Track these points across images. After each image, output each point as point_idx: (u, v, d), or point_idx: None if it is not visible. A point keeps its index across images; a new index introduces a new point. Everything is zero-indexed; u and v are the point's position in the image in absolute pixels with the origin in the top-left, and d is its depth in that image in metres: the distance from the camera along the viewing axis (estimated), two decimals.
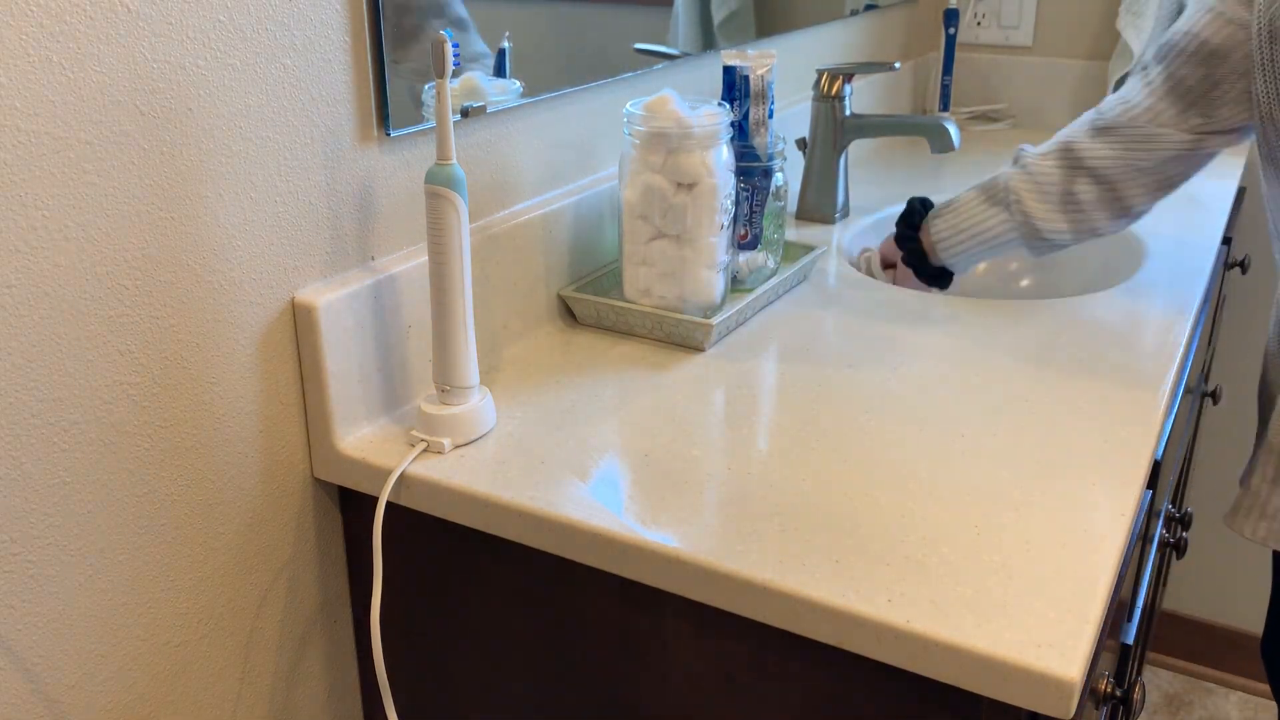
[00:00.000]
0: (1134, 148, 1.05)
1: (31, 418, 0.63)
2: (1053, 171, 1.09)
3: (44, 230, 0.61)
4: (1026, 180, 1.10)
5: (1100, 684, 0.80)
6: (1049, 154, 1.10)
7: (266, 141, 0.73)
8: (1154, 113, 1.03)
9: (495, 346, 0.95)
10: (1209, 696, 2.01)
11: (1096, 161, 1.06)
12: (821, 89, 1.33)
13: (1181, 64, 1.01)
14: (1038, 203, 1.09)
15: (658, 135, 0.93)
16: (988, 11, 1.90)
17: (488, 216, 0.94)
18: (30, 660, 0.66)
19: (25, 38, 0.58)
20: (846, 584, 0.65)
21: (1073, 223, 1.09)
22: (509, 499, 0.74)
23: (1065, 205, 1.09)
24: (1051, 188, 1.09)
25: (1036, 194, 1.10)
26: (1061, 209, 1.09)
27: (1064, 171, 1.08)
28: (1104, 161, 1.06)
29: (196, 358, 0.72)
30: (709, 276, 0.97)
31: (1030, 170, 1.11)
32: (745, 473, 0.77)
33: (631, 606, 0.74)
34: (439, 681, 0.87)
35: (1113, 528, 0.71)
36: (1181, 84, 1.02)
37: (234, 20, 0.69)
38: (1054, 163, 1.09)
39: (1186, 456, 1.66)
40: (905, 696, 0.66)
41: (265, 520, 0.80)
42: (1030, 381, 0.90)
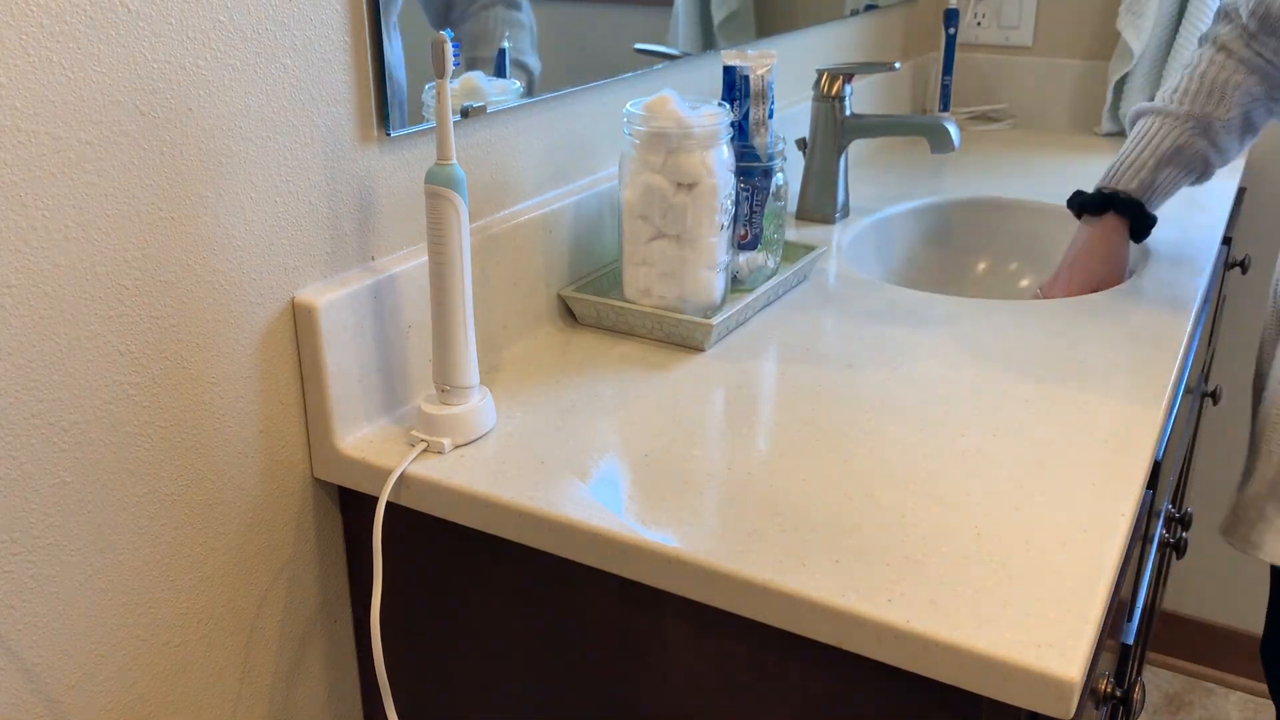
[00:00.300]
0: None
1: (31, 418, 0.63)
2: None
3: (44, 230, 0.61)
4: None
5: (1100, 684, 0.80)
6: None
7: (266, 141, 0.73)
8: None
9: (495, 346, 0.95)
10: (1209, 696, 2.01)
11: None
12: (821, 89, 1.33)
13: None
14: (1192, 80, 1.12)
15: (658, 135, 0.93)
16: (988, 11, 1.91)
17: (488, 216, 0.94)
18: (30, 660, 0.66)
19: (25, 38, 0.58)
20: (846, 584, 0.65)
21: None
22: (509, 499, 0.74)
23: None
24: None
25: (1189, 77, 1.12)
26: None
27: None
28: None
29: (196, 358, 0.72)
30: (709, 276, 0.97)
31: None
32: (745, 473, 0.77)
33: (631, 606, 0.74)
34: (439, 681, 0.87)
35: (1113, 528, 0.71)
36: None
37: (234, 20, 0.69)
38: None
39: (1186, 456, 1.66)
40: (905, 696, 0.66)
41: (265, 520, 0.80)
42: (1030, 381, 0.91)
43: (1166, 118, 1.12)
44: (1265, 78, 1.10)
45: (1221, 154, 1.13)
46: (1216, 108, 1.10)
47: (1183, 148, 1.12)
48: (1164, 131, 1.12)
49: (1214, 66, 1.11)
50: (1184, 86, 1.12)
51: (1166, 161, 1.12)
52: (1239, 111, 1.10)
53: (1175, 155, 1.12)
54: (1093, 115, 1.87)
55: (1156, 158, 1.13)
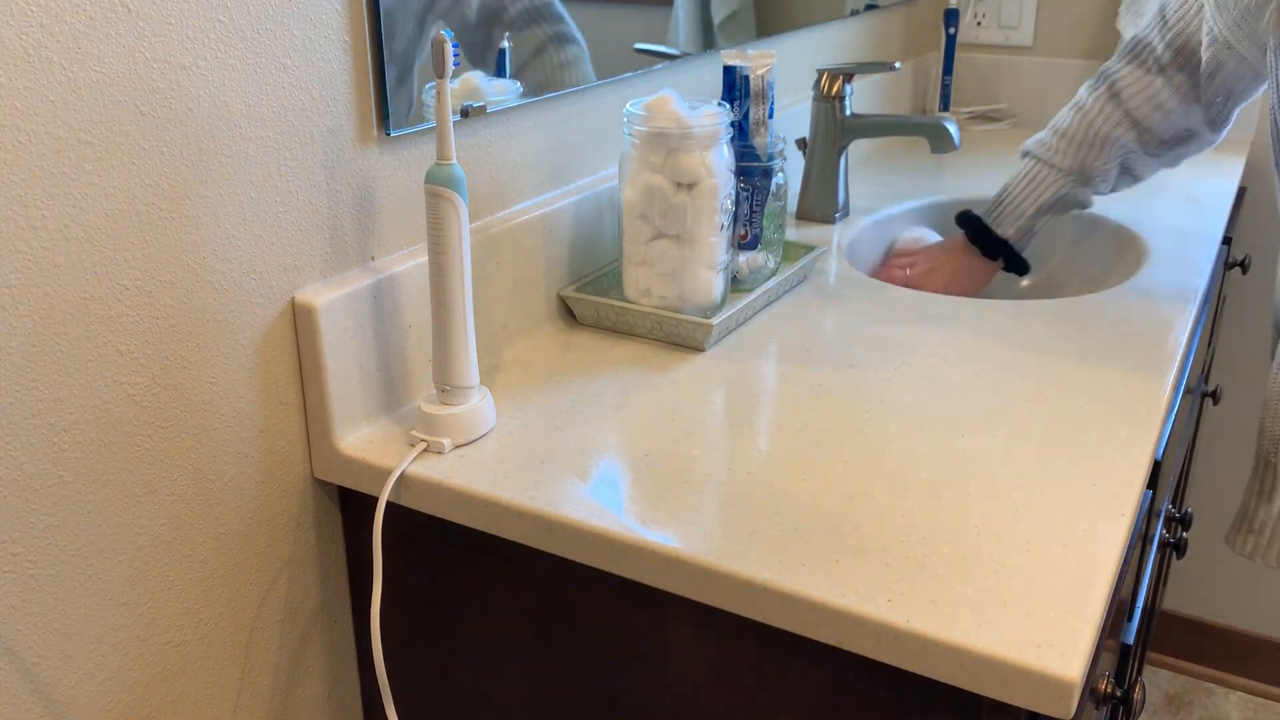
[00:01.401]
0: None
1: (31, 418, 0.63)
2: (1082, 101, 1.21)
3: (44, 230, 0.61)
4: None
5: (1100, 684, 0.80)
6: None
7: (266, 141, 0.73)
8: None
9: (495, 346, 0.95)
10: (1209, 696, 2.01)
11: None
12: (821, 89, 1.33)
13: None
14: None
15: (658, 135, 0.93)
16: (988, 11, 1.91)
17: (488, 216, 0.94)
18: (30, 660, 0.66)
19: (25, 38, 0.58)
20: (846, 584, 0.65)
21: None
22: (509, 499, 0.74)
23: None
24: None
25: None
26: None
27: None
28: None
29: (196, 357, 0.72)
30: (709, 276, 0.97)
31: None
32: (745, 473, 0.77)
33: (631, 606, 0.74)
34: (439, 681, 0.87)
35: (1113, 528, 0.71)
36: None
37: (234, 20, 0.69)
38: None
39: (1186, 456, 1.66)
40: (905, 696, 0.66)
41: (265, 520, 0.80)
42: (1030, 381, 0.90)
43: (1051, 169, 1.21)
44: (1144, 131, 1.17)
45: (1099, 193, 1.24)
46: (1096, 159, 1.19)
47: (1064, 198, 1.22)
48: (1047, 183, 1.22)
49: (1100, 116, 1.18)
50: (1070, 132, 1.20)
51: (1046, 210, 1.23)
52: (1116, 162, 1.19)
53: (1055, 204, 1.22)
54: None
55: (1037, 207, 1.23)
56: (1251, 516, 1.15)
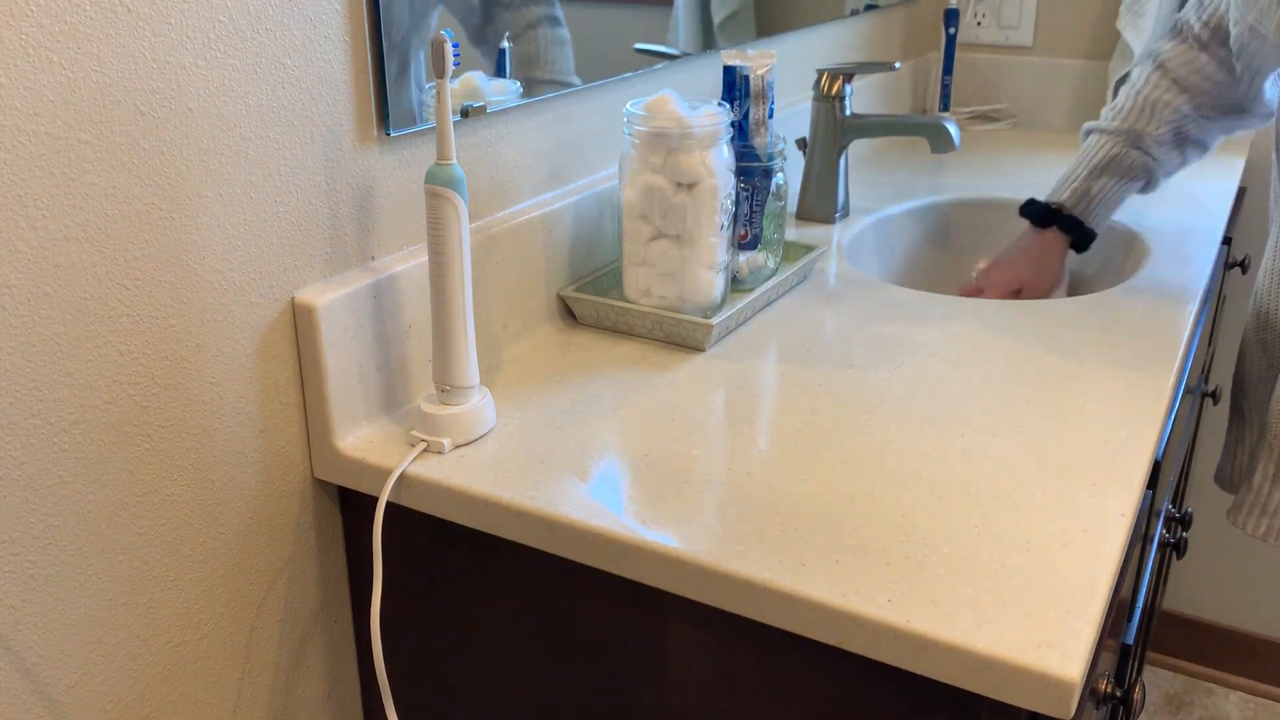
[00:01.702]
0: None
1: (31, 418, 0.63)
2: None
3: (44, 230, 0.61)
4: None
5: (1100, 684, 0.80)
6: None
7: (266, 141, 0.73)
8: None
9: (495, 346, 0.95)
10: (1209, 696, 2.01)
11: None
12: (821, 89, 1.33)
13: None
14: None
15: (658, 135, 0.93)
16: (988, 11, 1.90)
17: (488, 216, 0.94)
18: (30, 660, 0.66)
19: (25, 38, 0.58)
20: (846, 584, 0.65)
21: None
22: (509, 499, 0.74)
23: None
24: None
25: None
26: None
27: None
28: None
29: (196, 358, 0.72)
30: (709, 276, 0.97)
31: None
32: (745, 473, 0.77)
33: (631, 606, 0.74)
34: (439, 681, 0.87)
35: (1113, 528, 0.71)
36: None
37: (234, 20, 0.69)
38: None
39: (1186, 456, 1.66)
40: (905, 696, 0.66)
41: (265, 520, 0.80)
42: (1030, 381, 0.91)
43: (1102, 134, 1.22)
44: (1195, 95, 1.18)
45: (1159, 162, 1.22)
46: (1148, 123, 1.20)
47: (1117, 158, 1.21)
48: (1098, 145, 1.23)
49: (1149, 85, 1.20)
50: (1122, 105, 1.22)
51: (1100, 172, 1.22)
52: (1169, 128, 1.19)
53: (1109, 165, 1.21)
54: (1093, 115, 1.87)
55: (1090, 169, 1.23)
56: (1266, 500, 1.16)
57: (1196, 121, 1.19)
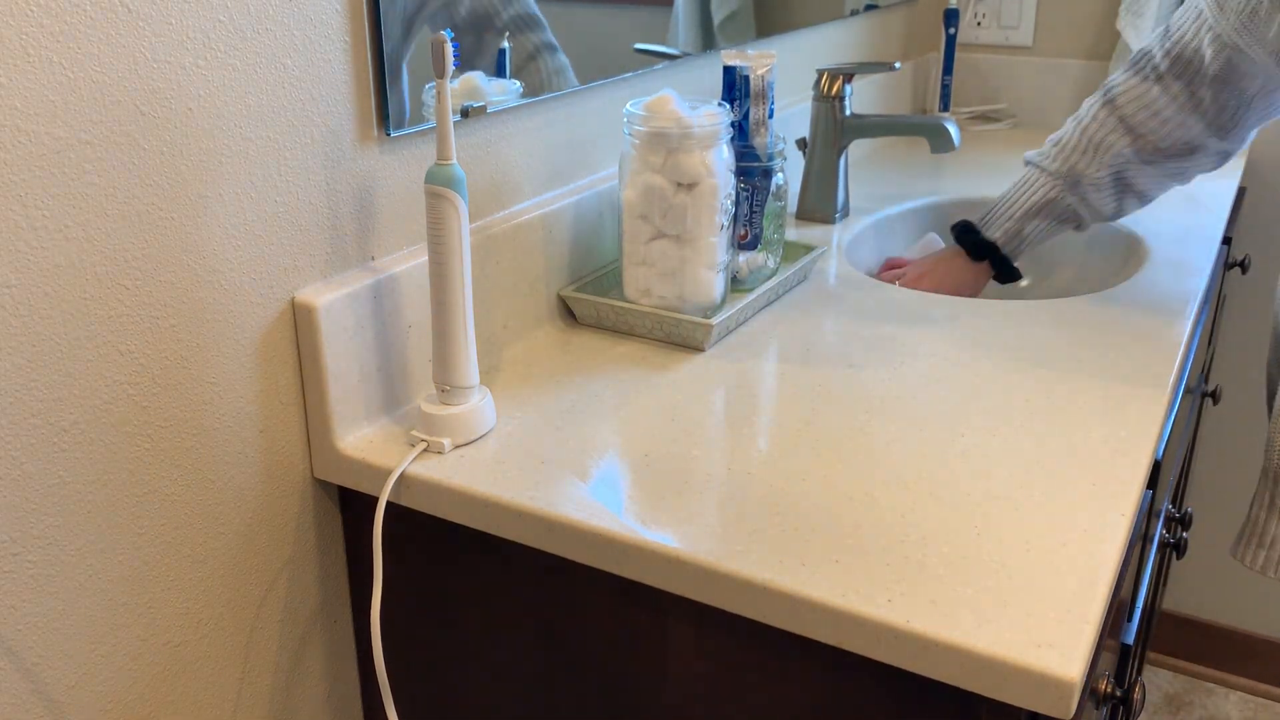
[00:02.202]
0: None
1: (31, 418, 0.63)
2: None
3: (44, 230, 0.61)
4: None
5: (1100, 684, 0.80)
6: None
7: (266, 141, 0.73)
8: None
9: (495, 346, 0.95)
10: (1209, 696, 2.01)
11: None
12: (821, 89, 1.33)
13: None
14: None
15: (658, 135, 0.93)
16: (988, 11, 1.91)
17: (488, 216, 0.94)
18: (30, 660, 0.66)
19: (25, 38, 0.58)
20: (846, 584, 0.65)
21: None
22: (509, 499, 0.74)
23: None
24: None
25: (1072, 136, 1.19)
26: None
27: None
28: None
29: (196, 358, 0.72)
30: (709, 276, 0.97)
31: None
32: (745, 473, 0.77)
33: (631, 606, 0.74)
34: (439, 681, 0.87)
35: (1113, 528, 0.71)
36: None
37: (234, 20, 0.69)
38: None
39: (1186, 456, 1.66)
40: (905, 696, 0.66)
41: (265, 520, 0.80)
42: (1030, 382, 0.91)
43: (1041, 172, 1.19)
44: (1138, 137, 1.14)
45: (1093, 209, 1.19)
46: (1089, 166, 1.16)
47: (1052, 202, 1.19)
48: (1036, 185, 1.20)
49: (1095, 123, 1.16)
50: (1064, 139, 1.19)
51: (1034, 214, 1.20)
52: (1109, 171, 1.16)
53: (1044, 208, 1.19)
54: None
55: (1025, 210, 1.20)
56: (1262, 531, 1.14)
57: (1137, 166, 1.16)
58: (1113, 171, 1.15)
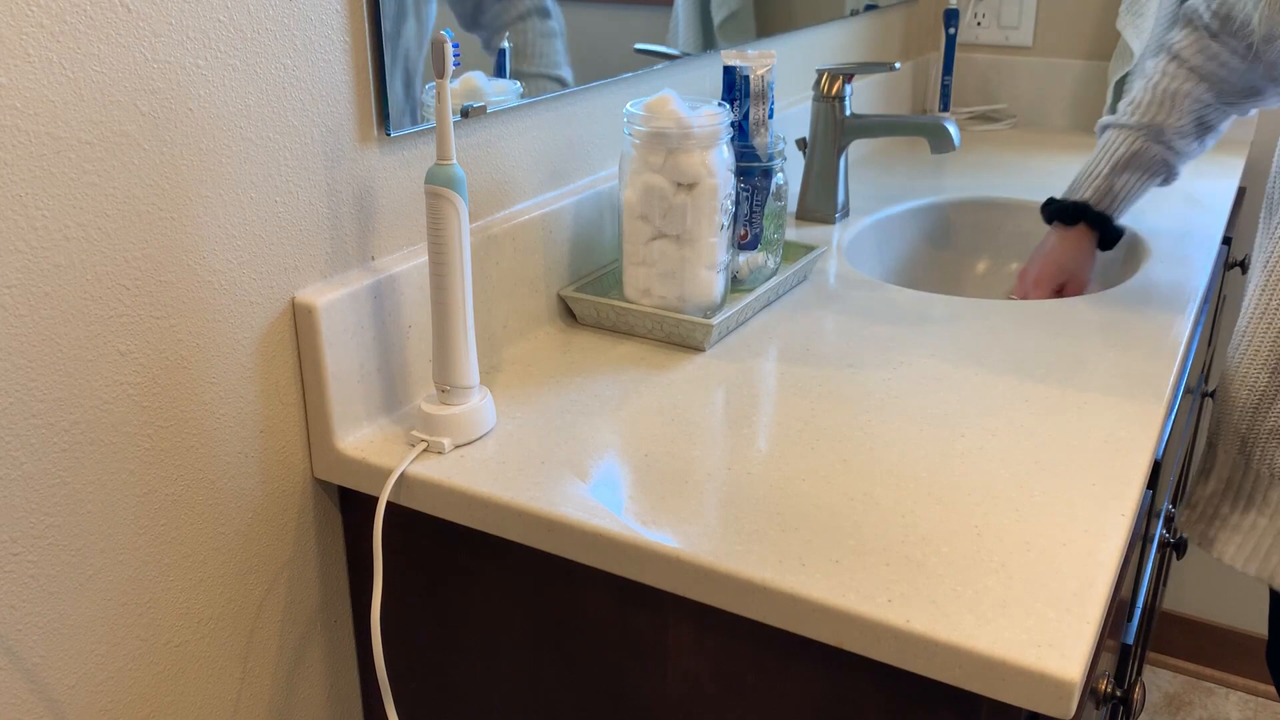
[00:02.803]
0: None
1: (31, 418, 0.63)
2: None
3: (44, 230, 0.61)
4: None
5: (1100, 684, 0.80)
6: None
7: (266, 141, 0.73)
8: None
9: (495, 346, 0.95)
10: (1209, 696, 2.01)
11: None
12: (821, 89, 1.33)
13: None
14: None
15: (658, 135, 0.93)
16: (988, 11, 1.91)
17: (488, 216, 0.94)
18: (30, 660, 0.66)
19: (25, 38, 0.58)
20: (846, 584, 0.65)
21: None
22: (509, 499, 0.74)
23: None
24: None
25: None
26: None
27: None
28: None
29: (196, 358, 0.72)
30: (709, 276, 0.97)
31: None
32: (745, 473, 0.77)
33: (631, 606, 0.74)
34: (439, 681, 0.87)
35: (1113, 528, 0.71)
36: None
37: (234, 20, 0.69)
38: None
39: (1186, 456, 1.66)
40: (905, 696, 0.66)
41: (265, 520, 0.80)
42: (1030, 381, 0.91)
43: (1122, 129, 1.21)
44: (1215, 83, 1.17)
45: (1179, 155, 1.21)
46: (1169, 116, 1.18)
47: (1138, 153, 1.20)
48: (1119, 141, 1.21)
49: (1166, 77, 1.19)
50: (1139, 99, 1.21)
51: (1123, 168, 1.21)
52: (1191, 118, 1.18)
53: (1131, 161, 1.20)
54: (1093, 115, 1.87)
55: (1112, 165, 1.21)
56: (1190, 492, 1.16)
57: (1217, 109, 1.19)
58: (1195, 116, 1.18)
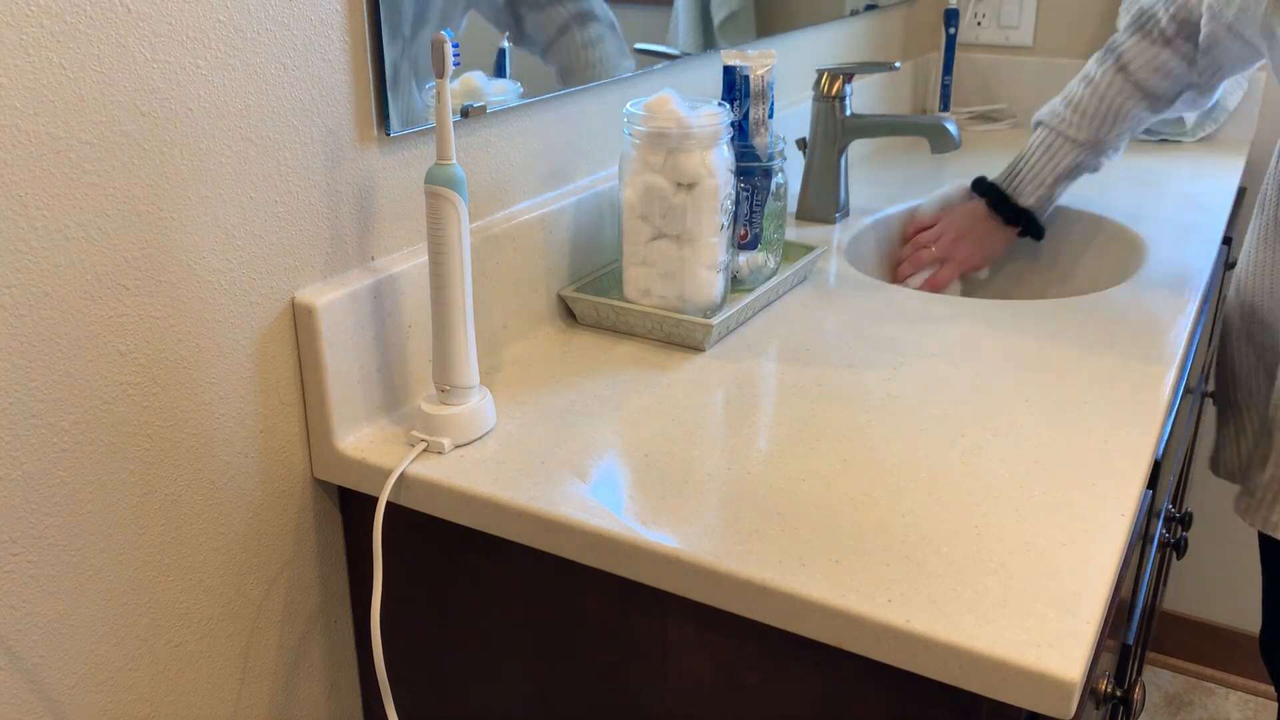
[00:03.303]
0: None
1: (31, 418, 0.63)
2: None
3: (44, 230, 0.61)
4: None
5: (1100, 684, 0.80)
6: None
7: (266, 141, 0.73)
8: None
9: (495, 346, 0.95)
10: (1209, 696, 2.01)
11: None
12: (821, 89, 1.33)
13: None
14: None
15: (658, 135, 0.93)
16: (988, 11, 1.91)
17: (488, 216, 0.94)
18: (30, 660, 0.66)
19: (25, 38, 0.58)
20: (846, 584, 0.65)
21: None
22: (509, 499, 0.74)
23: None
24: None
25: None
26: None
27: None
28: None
29: (196, 358, 0.72)
30: (709, 276, 0.97)
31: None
32: (745, 473, 0.77)
33: (631, 606, 0.74)
34: (439, 681, 0.87)
35: (1113, 528, 0.71)
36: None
37: (234, 20, 0.69)
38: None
39: (1186, 456, 1.66)
40: (905, 696, 0.66)
41: (265, 520, 0.80)
42: (1030, 381, 0.91)
43: (1066, 140, 1.28)
44: (1154, 99, 1.24)
45: (1108, 161, 1.30)
46: (1109, 131, 1.26)
47: (1080, 165, 1.28)
48: (1063, 153, 1.28)
49: (1111, 90, 1.24)
50: (1082, 105, 1.26)
51: (1064, 177, 1.29)
52: (1127, 131, 1.27)
53: (1072, 171, 1.29)
54: None
55: (1055, 175, 1.29)
56: (1253, 482, 1.18)
57: (1149, 118, 1.26)
58: (1130, 128, 1.26)
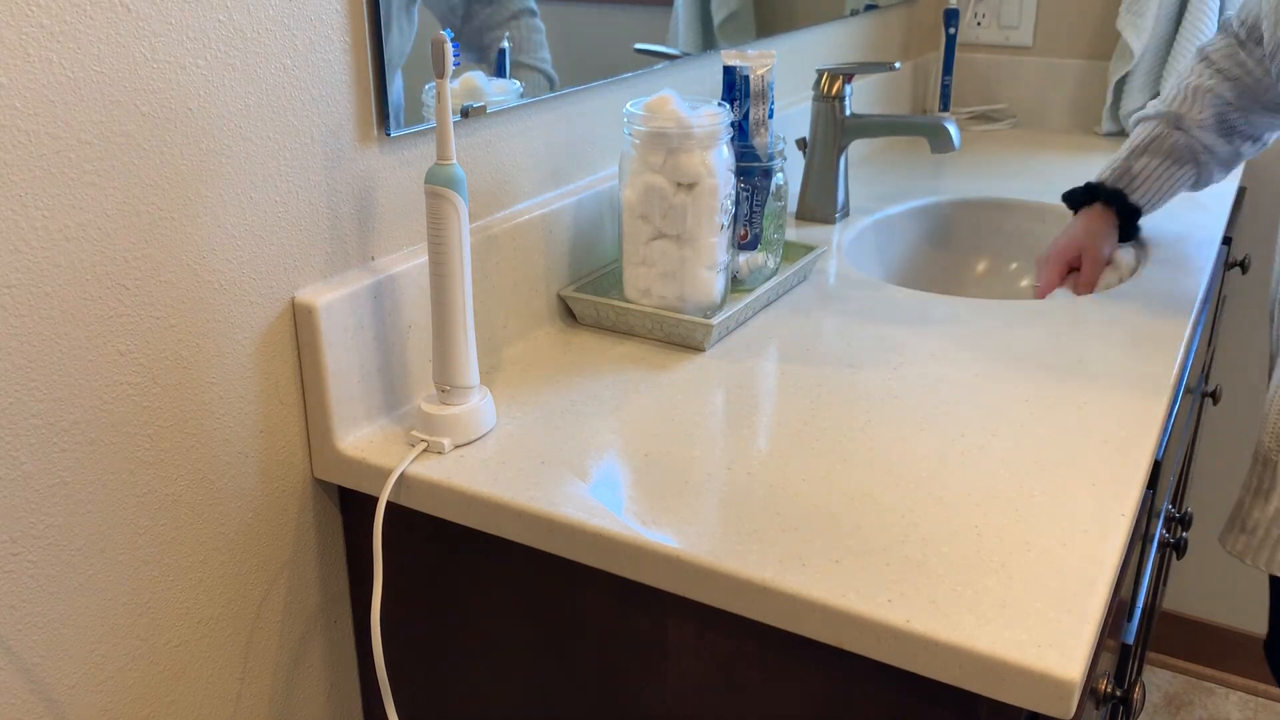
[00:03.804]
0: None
1: (31, 418, 0.63)
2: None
3: (44, 230, 0.61)
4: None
5: (1100, 684, 0.80)
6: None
7: (266, 141, 0.73)
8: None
9: (495, 346, 0.95)
10: (1209, 696, 2.01)
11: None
12: (821, 89, 1.33)
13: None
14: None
15: (658, 135, 0.93)
16: (988, 11, 1.90)
17: (488, 216, 0.94)
18: (30, 660, 0.66)
19: (25, 38, 0.58)
20: (846, 584, 0.65)
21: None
22: (509, 499, 0.74)
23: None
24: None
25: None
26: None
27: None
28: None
29: (196, 358, 0.72)
30: (709, 276, 0.97)
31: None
32: (745, 473, 0.77)
33: (631, 606, 0.74)
34: (439, 681, 0.87)
35: (1113, 528, 0.71)
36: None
37: (234, 20, 0.69)
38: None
39: (1186, 456, 1.66)
40: (905, 696, 0.66)
41: (265, 520, 0.80)
42: (1030, 381, 0.91)
43: (1144, 120, 1.26)
44: (1236, 84, 1.21)
45: (1204, 147, 1.23)
46: (1190, 108, 1.23)
47: (1157, 138, 1.23)
48: (1139, 129, 1.27)
49: (1193, 75, 1.24)
50: (1168, 94, 1.26)
51: (1140, 152, 1.24)
52: (1211, 112, 1.22)
53: (1149, 145, 1.23)
54: (1093, 115, 1.87)
55: (1130, 150, 1.25)
56: (1245, 516, 1.15)
57: (1239, 110, 1.21)
58: (1215, 112, 1.21)
